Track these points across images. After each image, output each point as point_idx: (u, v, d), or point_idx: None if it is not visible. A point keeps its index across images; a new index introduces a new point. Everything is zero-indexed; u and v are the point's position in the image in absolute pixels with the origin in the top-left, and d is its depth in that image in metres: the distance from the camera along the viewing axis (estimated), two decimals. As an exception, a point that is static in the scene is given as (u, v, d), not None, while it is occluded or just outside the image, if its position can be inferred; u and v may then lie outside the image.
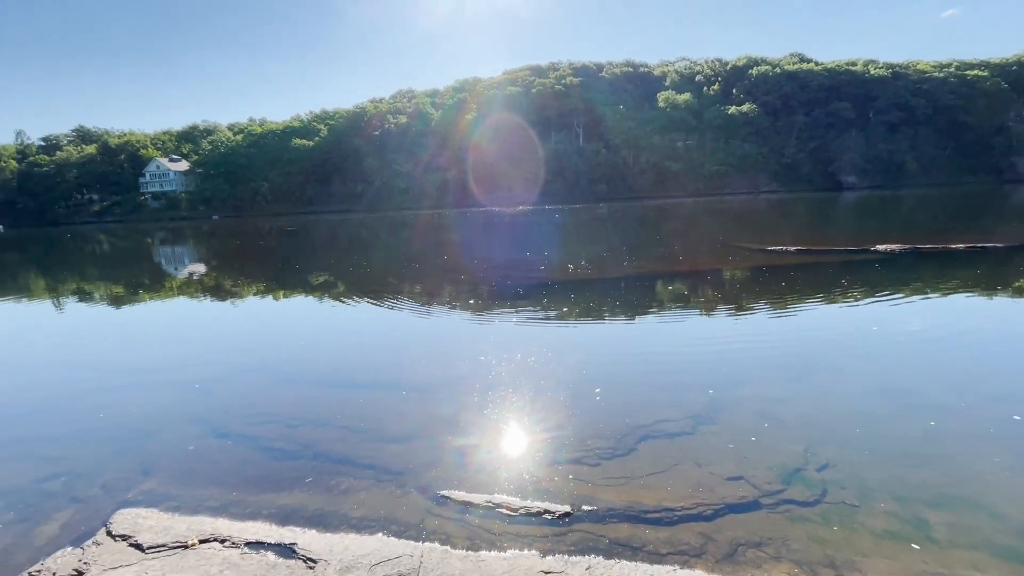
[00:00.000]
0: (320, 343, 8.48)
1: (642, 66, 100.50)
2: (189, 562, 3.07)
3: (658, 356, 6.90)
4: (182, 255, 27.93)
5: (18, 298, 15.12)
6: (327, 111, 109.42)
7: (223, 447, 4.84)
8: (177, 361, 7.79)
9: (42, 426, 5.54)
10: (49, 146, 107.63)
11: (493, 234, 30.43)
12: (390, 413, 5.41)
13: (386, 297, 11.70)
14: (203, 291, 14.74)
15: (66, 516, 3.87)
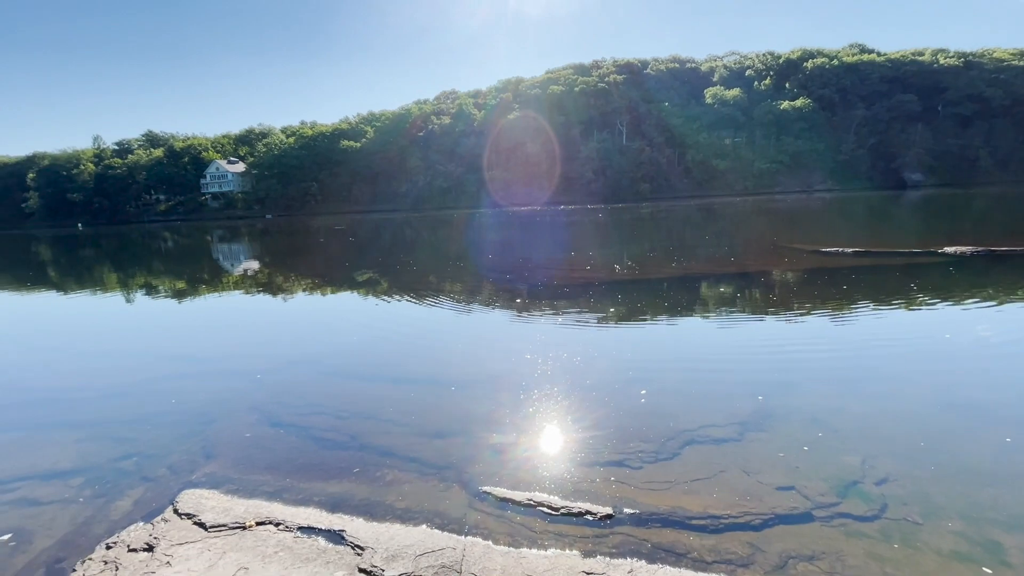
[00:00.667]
0: (365, 338, 8.75)
1: (689, 62, 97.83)
2: (247, 542, 3.25)
3: (705, 360, 6.72)
4: (238, 252, 29.42)
5: (94, 291, 16.37)
6: (374, 113, 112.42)
7: (277, 435, 5.09)
8: (235, 352, 8.23)
9: (117, 409, 5.98)
10: (122, 150, 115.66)
11: (535, 233, 30.42)
12: (433, 408, 5.52)
13: (429, 295, 11.93)
14: (257, 287, 15.48)
15: (138, 493, 4.17)
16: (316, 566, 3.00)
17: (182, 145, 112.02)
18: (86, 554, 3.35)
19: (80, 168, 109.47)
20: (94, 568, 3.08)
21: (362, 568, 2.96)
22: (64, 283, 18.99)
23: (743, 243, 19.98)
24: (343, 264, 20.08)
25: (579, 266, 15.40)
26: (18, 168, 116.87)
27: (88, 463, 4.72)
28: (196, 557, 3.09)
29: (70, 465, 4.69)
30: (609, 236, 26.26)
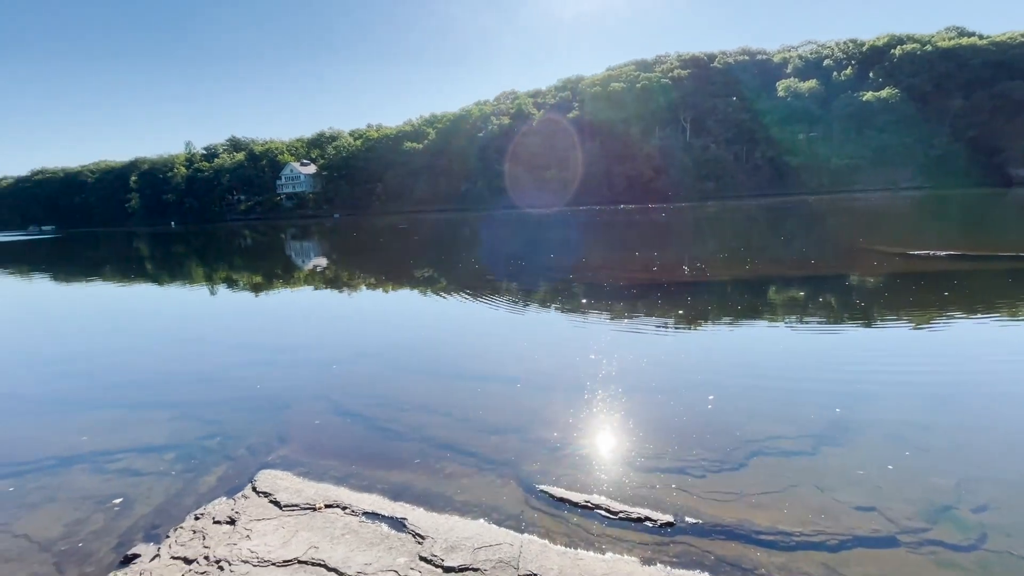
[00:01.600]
0: (425, 334, 8.99)
1: (760, 53, 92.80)
2: (317, 523, 3.44)
3: (778, 367, 6.37)
4: (308, 249, 31.15)
5: (184, 283, 17.91)
6: (435, 115, 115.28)
7: (343, 424, 5.34)
8: (305, 343, 8.73)
9: (203, 393, 6.52)
10: (209, 154, 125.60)
11: (595, 233, 30.05)
12: (491, 404, 5.59)
13: (487, 293, 12.09)
14: (325, 282, 16.33)
15: (221, 470, 4.52)
16: (380, 551, 3.13)
17: (261, 149, 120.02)
18: (177, 523, 3.68)
19: (174, 171, 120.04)
20: (184, 536, 3.37)
21: (423, 556, 3.05)
22: (159, 276, 20.91)
23: (820, 244, 18.75)
24: (404, 262, 20.77)
25: (644, 267, 15.05)
26: (122, 172, 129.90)
27: (179, 440, 5.17)
28: (272, 533, 3.31)
29: (164, 441, 5.16)
30: (673, 236, 25.48)
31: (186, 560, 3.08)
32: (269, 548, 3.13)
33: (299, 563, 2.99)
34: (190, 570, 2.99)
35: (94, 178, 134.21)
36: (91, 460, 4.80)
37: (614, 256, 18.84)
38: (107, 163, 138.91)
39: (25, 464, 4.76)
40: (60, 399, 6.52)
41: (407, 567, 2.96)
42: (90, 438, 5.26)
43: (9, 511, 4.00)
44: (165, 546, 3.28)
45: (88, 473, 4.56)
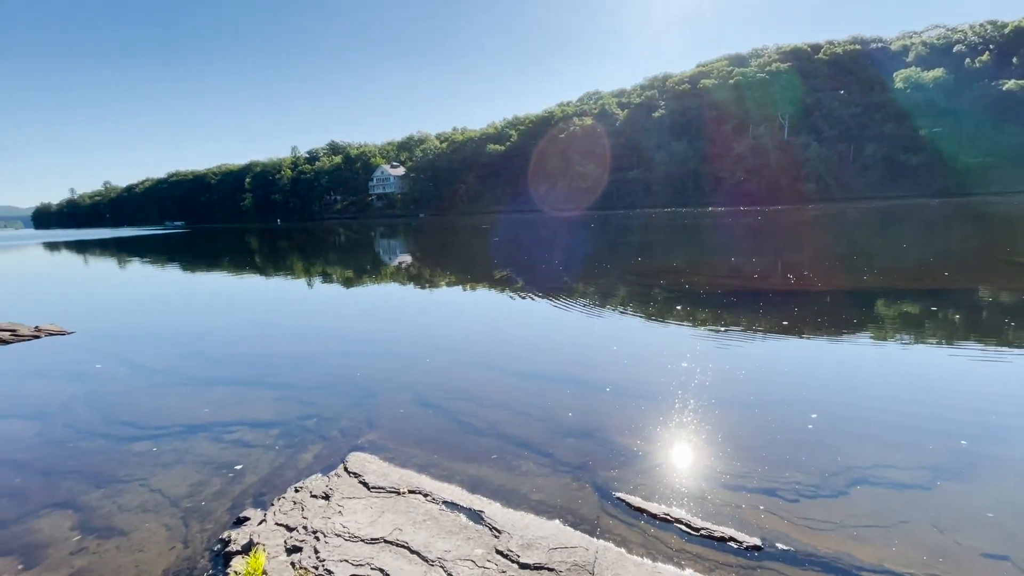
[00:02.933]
0: (502, 332, 9.14)
1: (874, 41, 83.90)
2: (401, 506, 3.64)
3: (894, 389, 5.76)
4: (395, 247, 32.86)
5: (287, 275, 19.63)
6: (518, 117, 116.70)
7: (426, 415, 5.59)
8: (392, 336, 9.22)
9: (303, 377, 7.11)
10: (311, 157, 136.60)
11: (686, 236, 28.91)
12: (569, 406, 5.58)
13: (566, 295, 12.05)
14: (409, 278, 17.14)
15: (317, 449, 4.92)
16: (458, 540, 3.24)
17: (356, 152, 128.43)
18: (280, 493, 4.05)
19: (281, 173, 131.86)
20: (286, 506, 3.71)
21: (499, 550, 3.12)
22: (266, 269, 23.08)
23: (946, 254, 16.64)
24: (484, 261, 21.25)
25: (741, 273, 14.25)
26: (239, 174, 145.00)
27: (282, 418, 5.69)
28: (361, 511, 3.55)
29: (269, 418, 5.70)
30: (771, 241, 23.85)
31: (288, 528, 3.39)
32: (359, 525, 3.36)
33: (385, 542, 3.18)
34: (291, 537, 3.28)
35: (216, 180, 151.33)
36: (210, 430, 5.41)
37: (707, 261, 17.97)
38: (227, 166, 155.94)
39: (160, 429, 5.49)
40: (187, 375, 7.42)
41: (484, 559, 3.04)
42: (210, 411, 5.94)
43: (148, 468, 4.63)
44: (270, 513, 3.63)
45: (208, 441, 5.16)
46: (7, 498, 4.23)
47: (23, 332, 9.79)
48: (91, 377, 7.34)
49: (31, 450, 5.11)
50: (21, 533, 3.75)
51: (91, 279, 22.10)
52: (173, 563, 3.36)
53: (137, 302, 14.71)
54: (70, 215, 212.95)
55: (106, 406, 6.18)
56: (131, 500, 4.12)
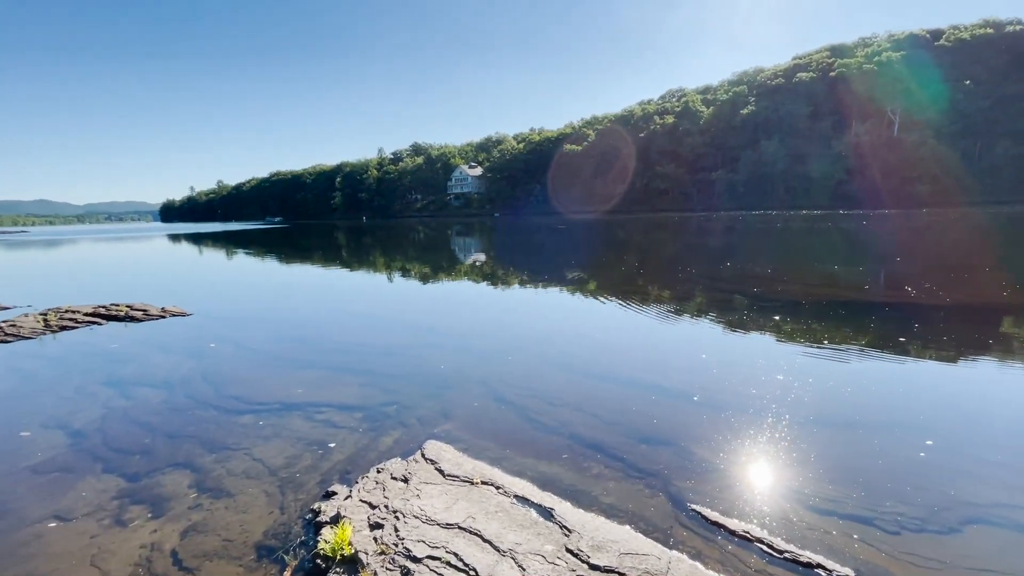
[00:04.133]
0: (572, 333, 9.10)
1: (1013, 23, 73.16)
2: (474, 496, 3.76)
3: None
4: (470, 245, 33.70)
5: (369, 270, 20.80)
6: (596, 116, 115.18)
7: (499, 410, 5.71)
8: (467, 331, 9.50)
9: (385, 365, 7.53)
10: (395, 158, 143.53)
11: (779, 241, 27.16)
12: (642, 412, 5.46)
13: (654, 299, 11.76)
14: (483, 276, 17.51)
15: (396, 434, 5.20)
16: (529, 534, 3.30)
17: (437, 153, 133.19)
18: (363, 472, 4.33)
19: (368, 173, 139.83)
20: (369, 484, 3.96)
21: (569, 548, 3.14)
22: (352, 262, 24.60)
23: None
24: (557, 261, 21.23)
25: (850, 283, 13.19)
26: (331, 174, 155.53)
27: (365, 403, 6.06)
28: (437, 496, 3.71)
29: (354, 402, 6.09)
30: (880, 248, 21.78)
31: (371, 505, 3.63)
32: (435, 510, 3.51)
33: (459, 528, 3.31)
34: (373, 514, 3.51)
35: (311, 179, 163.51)
36: (303, 409, 5.89)
37: (805, 269, 16.75)
38: (321, 167, 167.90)
39: (261, 405, 6.06)
40: (284, 357, 8.12)
41: (554, 555, 3.07)
42: (303, 391, 6.46)
43: (251, 439, 5.14)
44: (355, 490, 3.90)
45: (301, 419, 5.62)
46: (140, 455, 4.88)
47: (152, 312, 11.19)
48: (206, 355, 8.25)
49: (158, 415, 5.85)
50: (150, 486, 4.31)
51: (205, 268, 24.75)
52: (271, 526, 3.71)
53: (243, 289, 16.29)
54: (189, 210, 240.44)
55: (218, 381, 6.93)
56: (237, 466, 4.60)
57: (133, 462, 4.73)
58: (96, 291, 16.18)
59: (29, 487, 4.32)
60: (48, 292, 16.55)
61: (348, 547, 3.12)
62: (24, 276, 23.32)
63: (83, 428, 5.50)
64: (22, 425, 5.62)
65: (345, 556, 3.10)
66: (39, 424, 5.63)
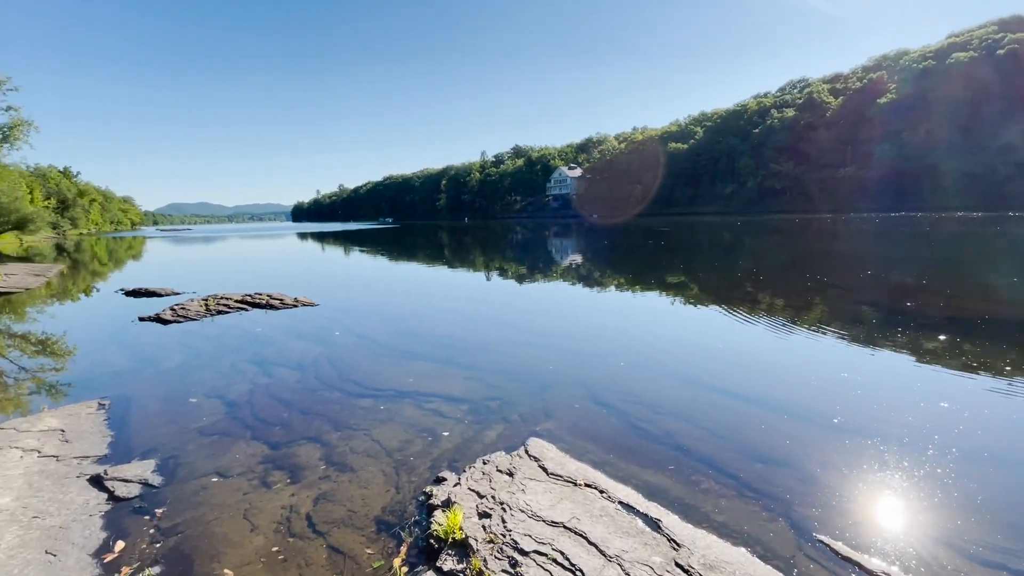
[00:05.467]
0: (673, 339, 8.70)
1: None
2: (578, 497, 3.76)
3: None
4: (567, 246, 33.62)
5: (470, 268, 21.60)
6: (704, 113, 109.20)
7: (600, 413, 5.65)
8: (565, 332, 9.49)
9: (488, 361, 7.79)
10: (497, 161, 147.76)
11: (935, 248, 23.88)
12: (761, 429, 5.08)
13: (785, 310, 10.93)
14: (579, 278, 17.37)
15: (500, 429, 5.35)
16: (635, 542, 3.23)
17: (537, 155, 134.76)
18: (470, 462, 4.53)
19: (471, 176, 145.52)
20: (476, 474, 4.13)
21: (679, 563, 3.02)
22: (455, 261, 25.74)
23: None
24: (657, 265, 20.43)
25: (1011, 301, 11.29)
26: (437, 177, 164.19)
27: (469, 396, 6.32)
28: (542, 493, 3.77)
29: (459, 394, 6.38)
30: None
31: (478, 494, 3.78)
32: (540, 506, 3.57)
33: (564, 528, 3.33)
34: (481, 503, 3.65)
35: (419, 182, 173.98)
36: (414, 398, 6.29)
37: (978, 282, 14.51)
38: (428, 170, 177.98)
39: (378, 390, 6.58)
40: (397, 348, 8.73)
41: (663, 568, 2.98)
42: (414, 381, 6.90)
43: (369, 421, 5.60)
44: (463, 478, 4.09)
45: (412, 407, 6.00)
46: (279, 427, 5.53)
47: (287, 301, 12.64)
48: (332, 342, 9.14)
49: (293, 393, 6.59)
50: (288, 455, 4.88)
51: (328, 263, 27.39)
52: (388, 503, 4.01)
53: (361, 283, 17.79)
54: (315, 211, 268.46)
55: (341, 366, 7.64)
56: (358, 445, 5.04)
57: (275, 432, 5.38)
58: (242, 280, 18.64)
59: (197, 446, 5.10)
60: (206, 280, 19.37)
61: (459, 532, 3.28)
62: (188, 266, 27.56)
63: (236, 399, 6.37)
64: (190, 392, 6.64)
65: (456, 540, 3.26)
66: (203, 393, 6.63)
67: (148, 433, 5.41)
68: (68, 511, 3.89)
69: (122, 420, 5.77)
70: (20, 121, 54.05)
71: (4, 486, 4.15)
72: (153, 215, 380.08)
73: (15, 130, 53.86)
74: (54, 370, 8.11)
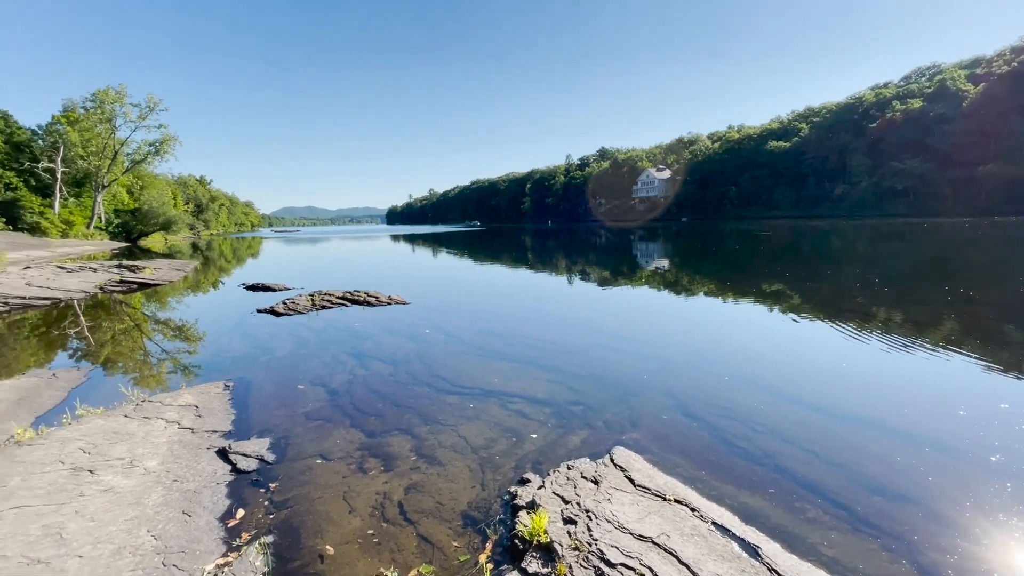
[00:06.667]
0: (782, 353, 8.03)
1: None
2: (667, 513, 3.60)
3: None
4: (653, 251, 32.45)
5: (552, 271, 21.56)
6: (812, 108, 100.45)
7: (690, 426, 5.38)
8: (648, 338, 9.15)
9: (571, 365, 7.72)
10: (582, 164, 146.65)
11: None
12: (877, 458, 4.56)
13: (914, 326, 9.83)
14: (665, 283, 16.65)
15: (584, 435, 5.28)
16: (731, 568, 3.02)
17: (623, 157, 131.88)
18: (554, 466, 4.51)
19: (555, 180, 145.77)
20: (561, 479, 4.10)
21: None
22: (537, 264, 25.84)
23: None
24: (758, 271, 19.06)
25: None
26: (522, 180, 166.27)
27: (553, 399, 6.30)
28: (629, 505, 3.66)
29: (543, 397, 6.39)
30: None
31: (563, 500, 3.75)
32: (627, 518, 3.47)
33: (653, 543, 3.20)
34: (566, 508, 3.62)
35: (504, 186, 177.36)
36: (498, 397, 6.40)
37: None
38: (513, 174, 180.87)
39: (464, 388, 6.77)
40: (482, 347, 8.94)
41: (763, 599, 2.76)
42: (498, 381, 7.02)
43: (456, 417, 5.78)
44: (548, 481, 4.08)
45: (496, 406, 6.10)
46: (374, 416, 5.89)
47: (382, 299, 13.44)
48: (422, 339, 9.58)
49: (387, 385, 6.98)
50: (382, 444, 5.17)
51: (418, 263, 28.75)
52: (473, 499, 4.11)
53: (448, 283, 18.46)
54: (407, 214, 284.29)
55: (431, 362, 7.98)
56: (446, 439, 5.22)
57: (370, 421, 5.73)
58: (341, 278, 20.13)
59: (304, 428, 5.57)
60: (311, 277, 21.17)
61: (544, 535, 3.28)
62: (296, 263, 30.30)
63: (337, 388, 6.88)
64: (298, 380, 7.28)
65: (541, 543, 3.26)
66: (308, 381, 7.23)
67: (263, 414, 6.00)
68: (200, 478, 4.42)
69: (243, 401, 6.46)
70: (169, 137, 62.83)
71: (153, 451, 4.81)
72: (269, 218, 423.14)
73: (164, 145, 62.64)
74: (188, 352, 9.27)
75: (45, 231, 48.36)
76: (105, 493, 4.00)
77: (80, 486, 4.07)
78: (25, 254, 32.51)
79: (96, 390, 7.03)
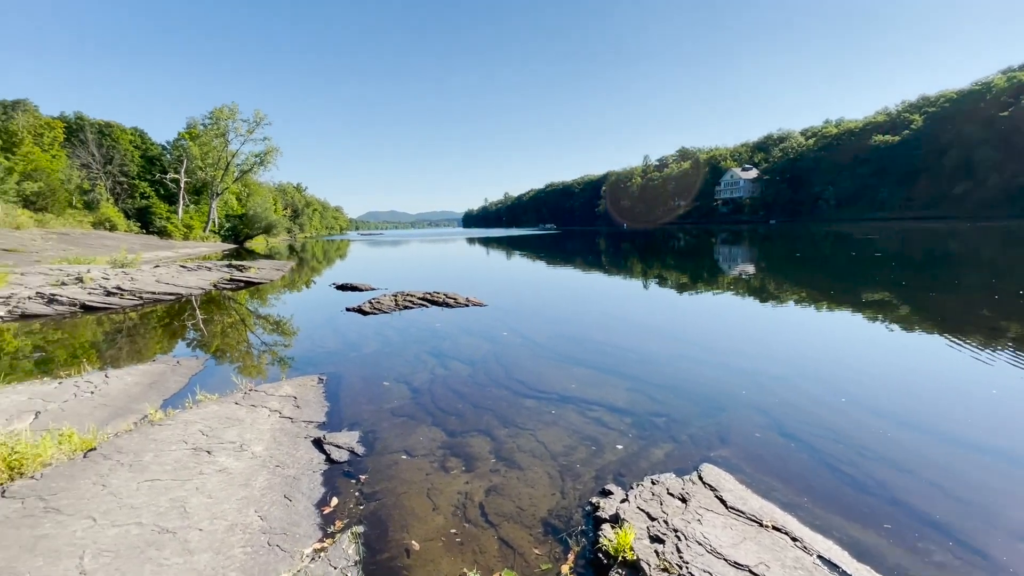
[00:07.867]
0: (893, 370, 7.21)
1: None
2: (764, 540, 3.34)
3: None
4: (736, 255, 30.58)
5: (628, 275, 20.96)
6: (926, 97, 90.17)
7: (787, 447, 4.97)
8: (733, 348, 8.58)
9: (652, 374, 7.45)
10: (660, 164, 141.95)
11: None
12: (1016, 498, 3.95)
13: (994, 338, 8.59)
14: (750, 291, 15.58)
15: (667, 448, 5.06)
16: (842, 609, 2.74)
17: (705, 157, 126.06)
18: (636, 479, 4.35)
19: (632, 181, 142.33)
20: (645, 494, 3.95)
21: (906, 648, 2.47)
22: (612, 268, 25.29)
23: None
24: (859, 278, 17.33)
25: None
26: (597, 183, 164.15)
27: (633, 409, 6.10)
28: (720, 528, 3.44)
29: (623, 406, 6.20)
30: None
31: (649, 516, 3.60)
32: (720, 543, 3.26)
33: (750, 572, 2.98)
34: (652, 526, 3.47)
35: (579, 188, 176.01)
36: (577, 404, 6.31)
37: None
38: (588, 176, 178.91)
39: (542, 392, 6.75)
40: (559, 351, 8.88)
41: (883, 649, 2.47)
42: (576, 387, 6.93)
43: (535, 421, 5.77)
44: (632, 495, 3.95)
45: (575, 413, 6.02)
46: (455, 416, 6.03)
47: (460, 300, 13.80)
48: (499, 340, 9.70)
49: (466, 386, 7.13)
50: (463, 444, 5.28)
51: (494, 265, 29.22)
52: (554, 507, 4.07)
53: (524, 286, 18.58)
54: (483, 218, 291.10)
55: (508, 365, 8.05)
56: (525, 443, 5.22)
57: (451, 421, 5.88)
58: (421, 279, 20.93)
59: (390, 424, 5.82)
60: (393, 277, 22.20)
61: (630, 552, 3.16)
62: (380, 264, 31.95)
63: (419, 386, 7.13)
64: (384, 376, 7.63)
65: (626, 560, 3.15)
66: (393, 378, 7.56)
67: (353, 408, 6.35)
68: (299, 465, 4.76)
69: (334, 394, 6.88)
70: (272, 148, 68.92)
71: (258, 437, 5.25)
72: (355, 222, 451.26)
73: (268, 156, 68.84)
74: (285, 346, 10.05)
75: (171, 234, 55.11)
76: (220, 473, 4.42)
77: (200, 465, 4.53)
78: (155, 254, 37.14)
79: (211, 377, 7.82)
